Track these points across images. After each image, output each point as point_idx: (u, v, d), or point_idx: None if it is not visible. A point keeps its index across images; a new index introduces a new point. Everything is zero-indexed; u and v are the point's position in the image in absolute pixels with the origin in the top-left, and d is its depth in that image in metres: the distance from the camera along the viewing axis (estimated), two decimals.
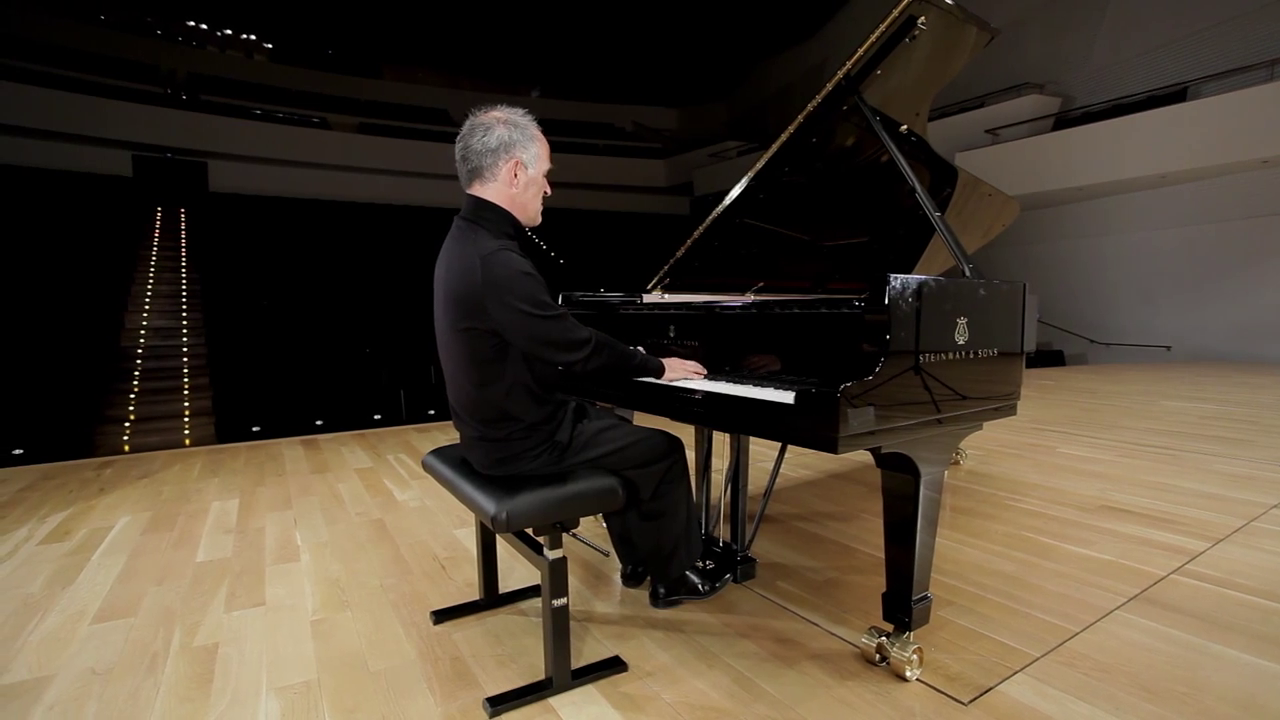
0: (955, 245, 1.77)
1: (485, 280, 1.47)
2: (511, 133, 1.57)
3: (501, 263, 1.48)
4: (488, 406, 1.60)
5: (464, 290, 1.51)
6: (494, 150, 1.55)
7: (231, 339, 8.28)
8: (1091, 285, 12.00)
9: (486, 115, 1.58)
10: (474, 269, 1.48)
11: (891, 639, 1.62)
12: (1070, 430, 4.62)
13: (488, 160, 1.56)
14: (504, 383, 1.58)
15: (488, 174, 1.57)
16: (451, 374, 1.66)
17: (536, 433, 1.64)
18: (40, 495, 3.49)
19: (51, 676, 1.70)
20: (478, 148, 1.56)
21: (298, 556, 2.53)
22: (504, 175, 1.57)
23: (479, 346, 1.55)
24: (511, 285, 1.47)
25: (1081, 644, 1.74)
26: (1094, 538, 2.52)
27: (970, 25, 2.03)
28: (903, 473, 1.56)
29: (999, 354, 1.68)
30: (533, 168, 1.60)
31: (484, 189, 1.59)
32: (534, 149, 1.60)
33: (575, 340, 1.56)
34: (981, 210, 2.71)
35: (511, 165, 1.57)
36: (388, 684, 1.63)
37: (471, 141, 1.56)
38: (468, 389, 1.62)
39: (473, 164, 1.57)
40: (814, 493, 3.21)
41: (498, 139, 1.55)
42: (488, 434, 1.64)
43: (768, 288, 2.48)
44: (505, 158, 1.56)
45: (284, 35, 19.12)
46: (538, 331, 1.52)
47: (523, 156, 1.58)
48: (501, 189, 1.58)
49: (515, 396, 1.59)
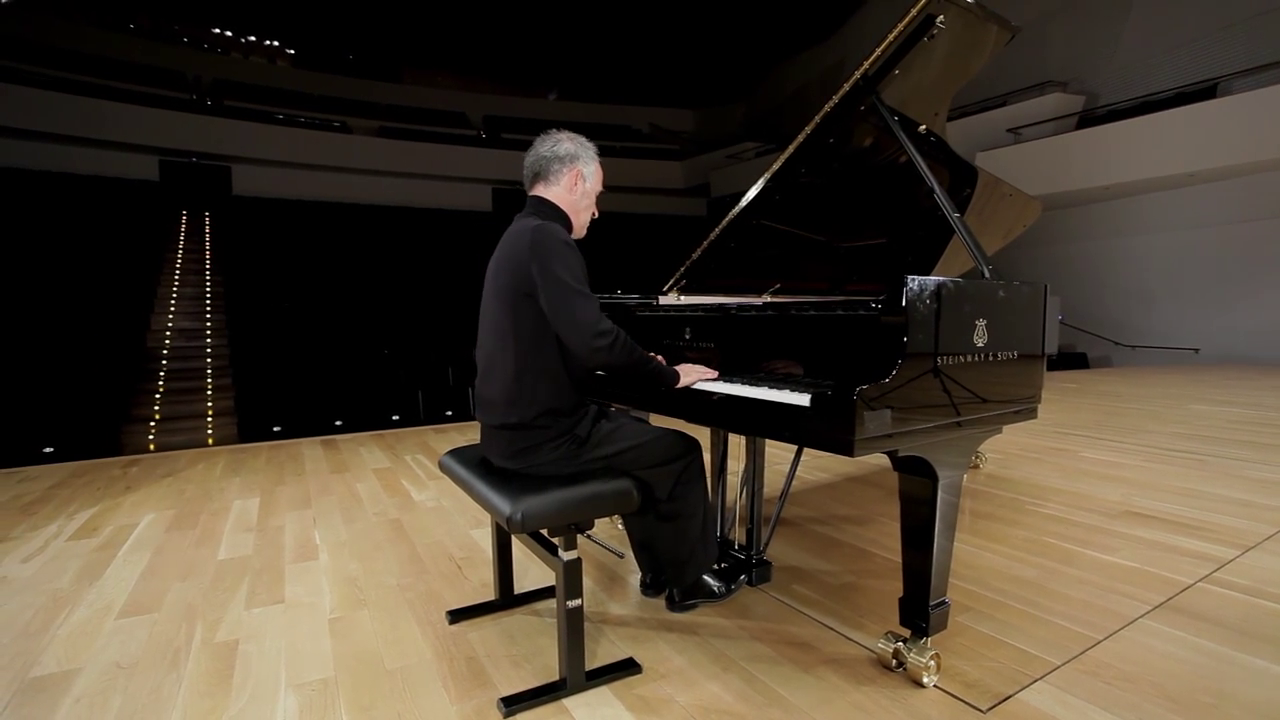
0: (974, 246, 1.75)
1: (533, 243, 1.60)
2: (577, 148, 1.77)
3: (551, 231, 1.63)
4: (519, 390, 1.65)
5: (513, 260, 1.63)
6: (561, 158, 1.74)
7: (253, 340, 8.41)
8: (1117, 286, 11.78)
9: (558, 132, 1.79)
10: (525, 236, 1.62)
11: (908, 644, 1.60)
12: (1094, 434, 4.54)
13: (554, 166, 1.74)
14: (539, 366, 1.65)
15: (552, 178, 1.75)
16: (488, 357, 1.72)
17: (558, 424, 1.68)
18: (69, 492, 3.57)
19: (79, 670, 1.74)
20: (546, 154, 1.74)
21: (316, 555, 2.56)
22: (566, 181, 1.75)
23: (520, 319, 1.62)
24: (554, 250, 1.59)
25: (1104, 652, 1.71)
26: (1118, 544, 2.48)
27: (990, 23, 2.00)
28: (920, 476, 1.54)
29: (1019, 356, 1.65)
30: (590, 182, 1.79)
31: (546, 190, 1.76)
32: (593, 167, 1.80)
33: (601, 328, 1.60)
34: (1002, 211, 2.67)
35: (574, 174, 1.75)
36: (403, 683, 1.65)
37: (541, 149, 1.75)
38: (503, 371, 1.67)
39: (539, 168, 1.75)
40: (830, 496, 3.18)
41: (565, 150, 1.75)
42: (511, 420, 1.67)
43: (785, 289, 2.47)
44: (569, 167, 1.75)
45: (306, 41, 19.44)
46: (569, 304, 1.58)
47: (584, 170, 1.77)
48: (562, 193, 1.76)
49: (547, 382, 1.65)
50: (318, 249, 11.88)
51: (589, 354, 1.61)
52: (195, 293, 9.97)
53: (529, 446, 1.68)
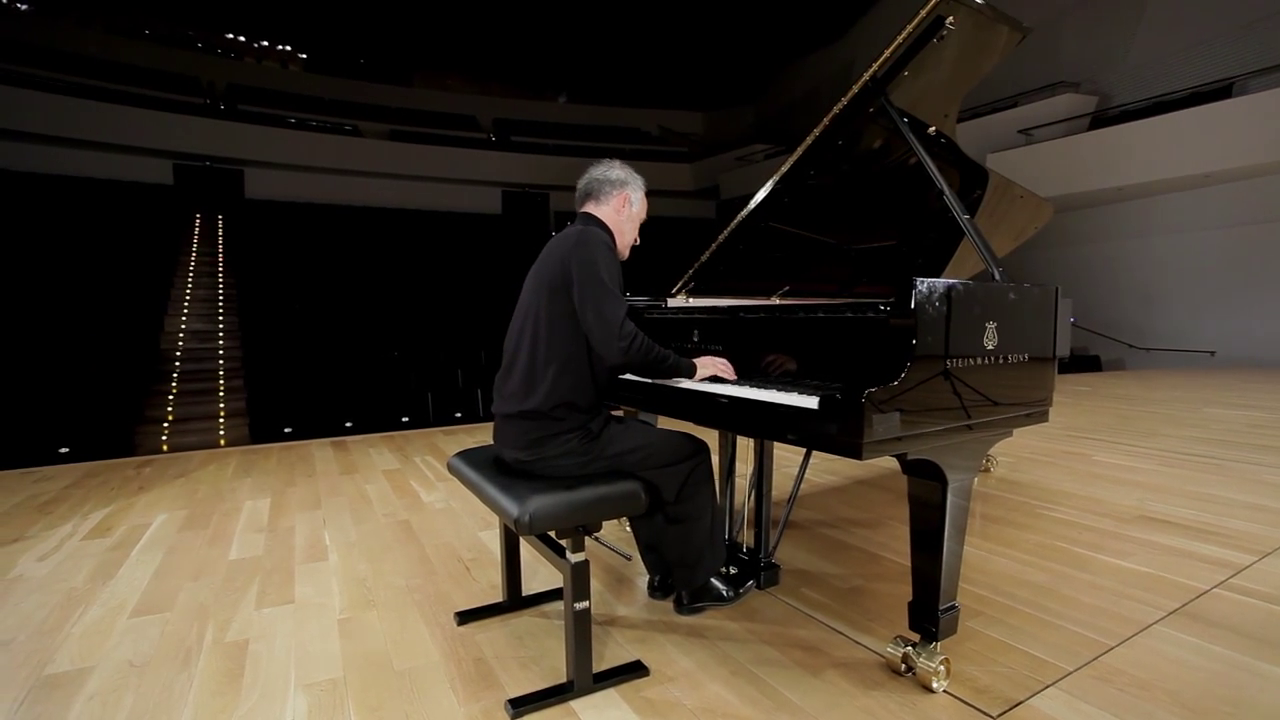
0: (985, 249, 1.73)
1: (578, 241, 1.71)
2: (628, 176, 1.91)
3: (594, 235, 1.76)
4: (541, 379, 1.69)
5: (558, 255, 1.73)
6: (612, 181, 1.88)
7: (265, 342, 8.48)
8: (1130, 288, 11.65)
9: (612, 160, 1.95)
10: (571, 235, 1.75)
11: (918, 649, 1.59)
12: (1107, 437, 4.49)
13: (606, 188, 1.88)
14: (565, 360, 1.70)
15: (602, 198, 1.88)
16: (515, 348, 1.77)
17: (573, 417, 1.71)
18: (84, 492, 3.61)
19: (92, 668, 1.76)
20: (599, 176, 1.88)
21: (326, 556, 2.58)
22: (614, 203, 1.89)
23: (556, 316, 1.69)
24: (597, 251, 1.70)
25: (1118, 659, 1.69)
26: (1132, 549, 2.45)
27: (1001, 25, 1.99)
28: (930, 479, 1.53)
29: (1029, 359, 1.64)
30: (636, 207, 1.93)
31: (596, 208, 1.89)
32: (640, 195, 1.94)
33: (625, 329, 1.65)
34: (1013, 213, 2.65)
35: (622, 198, 1.89)
36: (411, 683, 1.65)
37: (595, 172, 1.90)
38: (528, 360, 1.72)
39: (592, 188, 1.88)
40: (839, 499, 3.17)
41: (617, 175, 1.89)
42: (529, 407, 1.70)
43: (793, 292, 2.46)
44: (619, 190, 1.89)
45: (318, 45, 19.62)
46: (600, 300, 1.64)
47: (632, 195, 1.91)
48: (610, 213, 1.89)
49: (570, 377, 1.70)
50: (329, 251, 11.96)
51: (610, 351, 1.65)
52: (208, 295, 10.07)
53: (543, 436, 1.70)
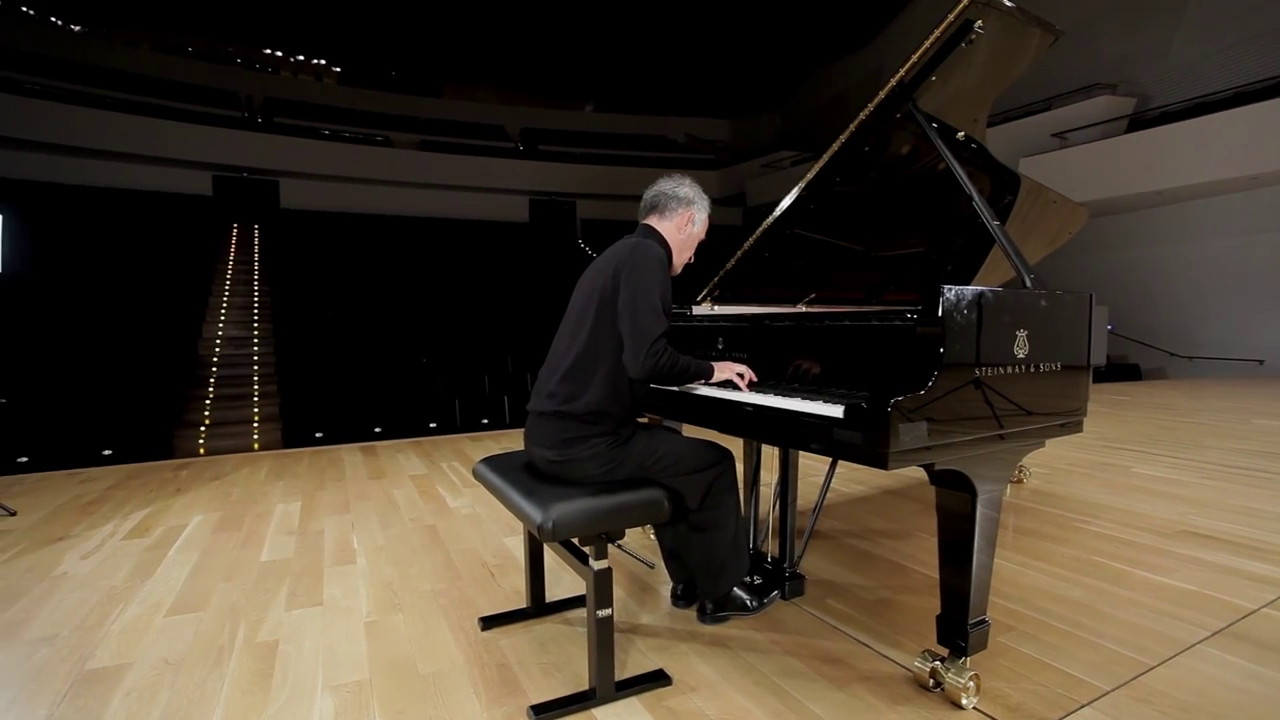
0: (1015, 255, 1.70)
1: (632, 252, 1.72)
2: (695, 194, 1.91)
3: (651, 249, 1.75)
4: (580, 383, 1.71)
5: (611, 262, 1.74)
6: (680, 199, 1.88)
7: (298, 349, 8.66)
8: (1171, 295, 11.29)
9: (682, 175, 1.95)
10: (627, 245, 1.76)
11: (946, 664, 1.56)
12: (1147, 449, 4.35)
13: (672, 204, 1.88)
14: (605, 369, 1.71)
15: (667, 213, 1.88)
16: (560, 350, 1.79)
17: (605, 422, 1.72)
18: (125, 493, 3.73)
19: (130, 664, 1.81)
20: (668, 191, 1.88)
21: (354, 559, 2.62)
22: (678, 220, 1.89)
23: (601, 324, 1.70)
24: (650, 265, 1.70)
25: (1158, 679, 1.63)
26: (1173, 565, 2.36)
27: (1033, 27, 1.95)
28: (959, 490, 1.50)
29: (1063, 367, 1.60)
30: (697, 227, 1.93)
31: (659, 223, 1.89)
32: (704, 217, 1.93)
33: (657, 347, 1.65)
34: (1046, 218, 2.59)
35: (687, 215, 1.89)
36: (436, 687, 1.67)
37: (664, 186, 1.90)
38: (570, 364, 1.73)
39: (658, 201, 1.88)
40: (866, 509, 3.12)
41: (685, 193, 1.89)
42: (563, 408, 1.71)
43: (820, 299, 2.44)
44: (685, 208, 1.88)
45: (351, 58, 20.11)
46: (638, 313, 1.65)
47: (696, 215, 1.91)
48: (671, 229, 1.89)
49: (607, 386, 1.71)
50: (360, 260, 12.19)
51: (634, 363, 1.66)
52: (244, 302, 10.34)
53: (573, 438, 1.71)
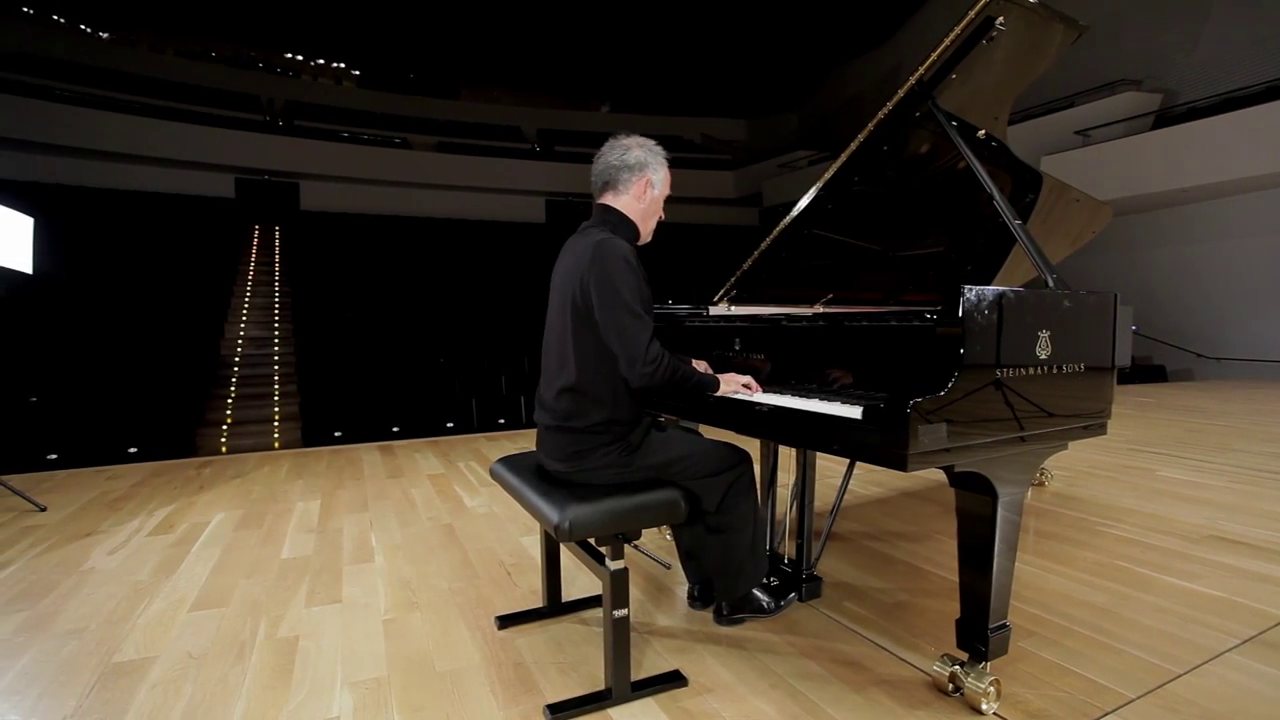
0: (1037, 255, 1.68)
1: (594, 259, 1.59)
2: (647, 155, 1.75)
3: (613, 247, 1.61)
4: (578, 398, 1.67)
5: (577, 274, 1.63)
6: (630, 167, 1.73)
7: (318, 349, 8.77)
8: (1198, 294, 11.05)
9: (626, 139, 1.77)
10: (588, 253, 1.62)
11: (966, 668, 1.54)
12: (1173, 452, 4.26)
13: (623, 175, 1.73)
14: (599, 378, 1.66)
15: (621, 186, 1.74)
16: (554, 363, 1.74)
17: (613, 429, 1.68)
18: (150, 490, 3.80)
19: (155, 658, 1.84)
20: (615, 162, 1.73)
21: (372, 557, 2.64)
22: (635, 190, 1.74)
23: (583, 333, 1.64)
24: (616, 269, 1.58)
25: (1185, 687, 1.60)
26: (1201, 571, 2.31)
27: (1055, 23, 1.93)
28: (979, 493, 1.48)
29: (1086, 369, 1.57)
30: (658, 189, 1.78)
31: (615, 199, 1.76)
32: (662, 173, 1.78)
33: (649, 355, 1.57)
34: (1069, 217, 2.55)
35: (643, 182, 1.75)
36: (453, 685, 1.68)
37: (610, 158, 1.74)
38: (564, 379, 1.68)
39: (608, 176, 1.75)
40: (884, 511, 3.09)
41: (635, 158, 1.73)
42: (568, 423, 1.69)
43: (837, 299, 2.42)
44: (639, 175, 1.74)
45: (370, 62, 20.34)
46: (622, 325, 1.57)
47: (653, 177, 1.76)
48: (630, 201, 1.76)
49: (606, 393, 1.66)
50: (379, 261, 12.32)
51: (633, 376, 1.60)
52: (265, 303, 10.49)
53: (583, 450, 1.69)
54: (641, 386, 1.63)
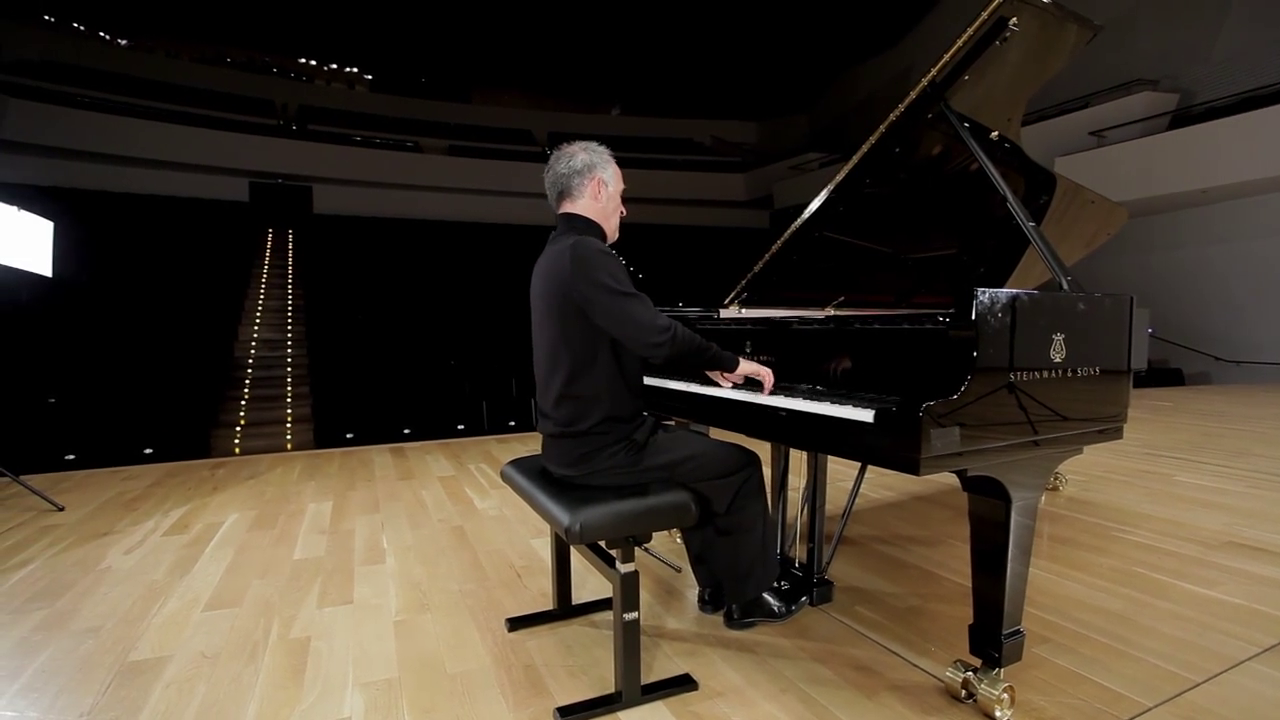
0: (1051, 257, 1.66)
1: (573, 260, 1.61)
2: (591, 156, 1.78)
3: (586, 245, 1.64)
4: (576, 398, 1.68)
5: (557, 279, 1.65)
6: (579, 171, 1.76)
7: (330, 351, 8.85)
8: (1218, 297, 10.89)
9: (570, 146, 1.81)
10: (564, 256, 1.63)
11: (979, 675, 1.52)
12: (1191, 456, 4.20)
13: (575, 180, 1.76)
14: (594, 377, 1.67)
15: (575, 192, 1.77)
16: (545, 371, 1.75)
17: (617, 429, 1.69)
18: (165, 491, 3.84)
19: (170, 657, 1.86)
20: (564, 171, 1.76)
21: (384, 559, 2.66)
22: (589, 192, 1.77)
23: (571, 335, 1.65)
24: (594, 261, 1.60)
25: (1204, 696, 1.57)
26: (1219, 577, 2.28)
27: (1069, 23, 1.91)
28: (992, 497, 1.47)
29: (1101, 372, 1.55)
30: (611, 185, 1.80)
31: (573, 205, 1.78)
32: (611, 169, 1.80)
33: (659, 324, 1.60)
34: (1084, 219, 2.53)
35: (595, 183, 1.77)
36: (463, 687, 1.68)
37: (559, 167, 1.77)
38: (559, 382, 1.69)
39: (561, 185, 1.77)
40: (896, 515, 3.07)
41: (581, 162, 1.76)
42: (570, 428, 1.69)
43: (848, 302, 2.41)
44: (589, 177, 1.76)
45: (382, 66, 20.52)
46: (621, 308, 1.59)
47: (603, 176, 1.78)
48: (588, 203, 1.78)
49: (604, 392, 1.67)
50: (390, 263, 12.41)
51: (652, 351, 1.60)
52: (278, 305, 10.59)
53: (588, 452, 1.70)
54: (664, 357, 1.61)
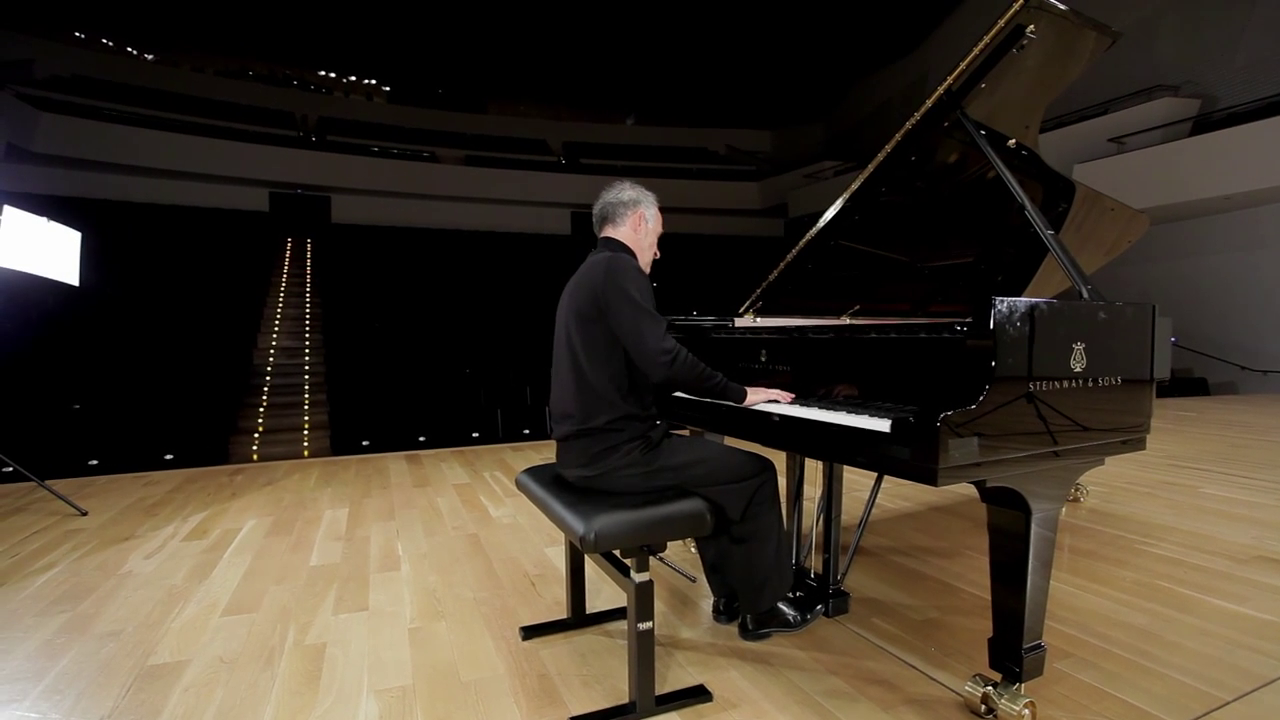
0: (1071, 265, 1.64)
1: (608, 269, 1.74)
2: (639, 195, 1.96)
3: (623, 261, 1.79)
4: (591, 394, 1.74)
5: (589, 285, 1.76)
6: (625, 203, 1.93)
7: (347, 359, 8.94)
8: (1243, 305, 10.68)
9: (622, 181, 2.00)
10: (601, 264, 1.77)
11: (999, 689, 1.49)
12: (1216, 468, 4.12)
13: (620, 210, 1.93)
14: (610, 378, 1.74)
15: (618, 220, 1.93)
16: (566, 369, 1.81)
17: (631, 427, 1.74)
18: (185, 496, 3.89)
19: (188, 661, 1.88)
20: (612, 200, 1.94)
21: (399, 566, 2.67)
22: (630, 222, 1.93)
23: (594, 335, 1.74)
24: (626, 274, 1.73)
25: (1233, 715, 1.53)
26: (1248, 593, 2.22)
27: (1088, 30, 1.89)
28: (1012, 508, 1.45)
29: (1123, 382, 1.53)
30: (651, 223, 1.97)
31: (614, 231, 1.93)
32: (654, 211, 1.99)
33: (664, 345, 1.67)
34: (1104, 226, 2.50)
35: (637, 216, 1.93)
36: (477, 696, 1.68)
37: (608, 196, 1.95)
38: (577, 385, 1.77)
39: (607, 212, 1.94)
40: (913, 525, 3.03)
41: (629, 196, 1.94)
42: (585, 426, 1.74)
43: (864, 311, 2.40)
44: (633, 210, 1.93)
45: (400, 78, 20.83)
46: (634, 320, 1.68)
47: (646, 213, 1.96)
48: (628, 232, 1.93)
49: (618, 392, 1.74)
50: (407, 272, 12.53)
51: (653, 368, 1.68)
52: (296, 314, 10.72)
53: (603, 450, 1.73)
54: (663, 378, 1.69)
